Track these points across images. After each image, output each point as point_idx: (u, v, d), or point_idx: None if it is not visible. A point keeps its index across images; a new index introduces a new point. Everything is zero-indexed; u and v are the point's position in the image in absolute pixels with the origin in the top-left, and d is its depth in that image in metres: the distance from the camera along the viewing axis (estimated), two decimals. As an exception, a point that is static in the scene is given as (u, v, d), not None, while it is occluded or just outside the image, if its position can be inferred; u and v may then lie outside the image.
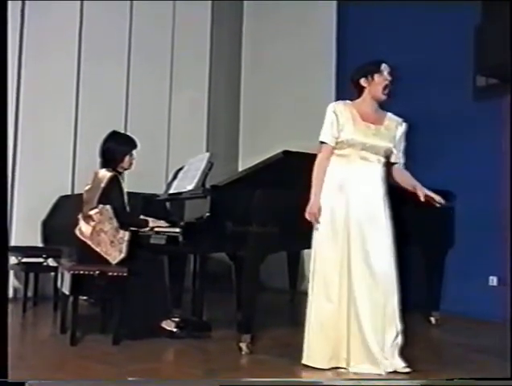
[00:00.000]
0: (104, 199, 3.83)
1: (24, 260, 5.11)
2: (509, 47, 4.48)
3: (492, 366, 3.35)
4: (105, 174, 3.87)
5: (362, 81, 3.26)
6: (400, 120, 3.33)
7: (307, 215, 3.17)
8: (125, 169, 3.98)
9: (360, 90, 3.28)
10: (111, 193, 3.82)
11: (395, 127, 3.28)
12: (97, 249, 3.77)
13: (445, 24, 5.37)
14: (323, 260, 3.15)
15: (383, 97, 3.24)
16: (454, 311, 4.78)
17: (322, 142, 3.23)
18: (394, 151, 3.27)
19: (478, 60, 4.99)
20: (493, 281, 4.98)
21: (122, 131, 5.83)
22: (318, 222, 3.16)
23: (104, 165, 3.95)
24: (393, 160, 3.30)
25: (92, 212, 3.85)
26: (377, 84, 3.22)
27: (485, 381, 2.78)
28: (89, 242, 3.78)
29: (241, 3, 7.66)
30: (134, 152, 4.01)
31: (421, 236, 4.43)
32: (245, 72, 7.64)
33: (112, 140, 3.99)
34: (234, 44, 7.59)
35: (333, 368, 3.10)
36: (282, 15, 7.11)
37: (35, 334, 4.32)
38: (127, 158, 3.97)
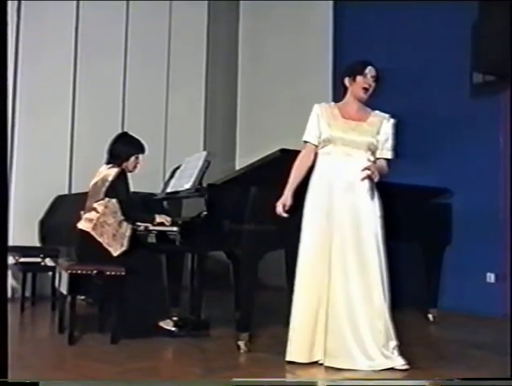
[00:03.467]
0: (111, 192, 3.85)
1: (22, 259, 5.11)
2: (509, 43, 4.48)
3: (491, 362, 3.35)
4: (113, 169, 3.91)
5: (346, 80, 3.31)
6: (387, 115, 3.33)
7: (277, 208, 3.24)
8: (130, 171, 3.99)
9: (345, 89, 3.33)
10: (118, 187, 3.85)
11: (379, 122, 3.29)
12: (100, 240, 3.77)
13: (442, 22, 5.37)
14: (307, 256, 3.18)
15: (364, 97, 3.27)
16: (452, 308, 4.79)
17: (305, 142, 3.31)
18: (379, 146, 3.27)
19: (475, 57, 4.99)
20: (491, 277, 4.99)
21: (119, 130, 5.87)
22: (284, 215, 3.23)
23: (109, 162, 4.00)
24: (377, 155, 3.29)
25: (96, 204, 3.86)
26: (357, 85, 3.26)
27: (484, 381, 2.78)
28: (92, 232, 3.79)
29: (237, 2, 7.65)
30: (140, 156, 4.05)
31: (419, 233, 4.42)
32: (242, 71, 7.63)
33: (120, 140, 4.09)
34: (231, 43, 7.58)
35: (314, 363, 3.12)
36: (278, 14, 7.11)
37: (33, 334, 4.32)
38: (132, 159, 4.00)
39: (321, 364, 3.11)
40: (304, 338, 3.14)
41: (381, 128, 3.28)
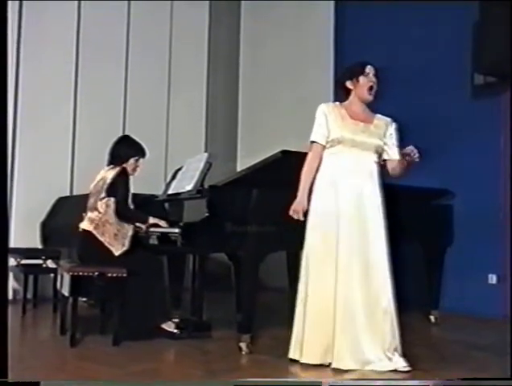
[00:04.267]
0: (111, 190, 3.87)
1: (23, 261, 5.11)
2: (510, 44, 4.48)
3: (492, 364, 3.35)
4: (114, 169, 3.93)
5: (348, 83, 3.31)
6: (389, 119, 3.36)
7: (291, 212, 3.23)
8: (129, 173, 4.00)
9: (347, 92, 3.33)
10: (118, 185, 3.86)
11: (385, 126, 3.31)
12: (101, 239, 3.78)
13: (442, 22, 5.37)
14: (314, 257, 3.17)
15: (370, 98, 3.28)
16: (453, 309, 4.78)
17: (312, 142, 3.28)
18: (386, 148, 3.29)
19: (476, 58, 4.99)
20: (493, 279, 4.98)
21: (121, 132, 5.87)
22: (301, 219, 3.20)
23: (110, 163, 4.03)
24: (386, 157, 3.31)
25: (98, 204, 3.87)
26: (362, 86, 3.26)
27: (484, 381, 2.78)
28: (94, 232, 3.80)
29: (238, 3, 7.65)
30: (140, 160, 4.07)
31: (420, 234, 4.43)
32: (243, 72, 7.64)
33: (121, 142, 4.15)
34: (232, 44, 7.59)
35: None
36: (279, 15, 7.12)
37: (34, 336, 4.32)
38: (131, 162, 4.02)
39: (327, 366, 3.10)
40: (318, 340, 3.13)
41: (387, 131, 3.30)
